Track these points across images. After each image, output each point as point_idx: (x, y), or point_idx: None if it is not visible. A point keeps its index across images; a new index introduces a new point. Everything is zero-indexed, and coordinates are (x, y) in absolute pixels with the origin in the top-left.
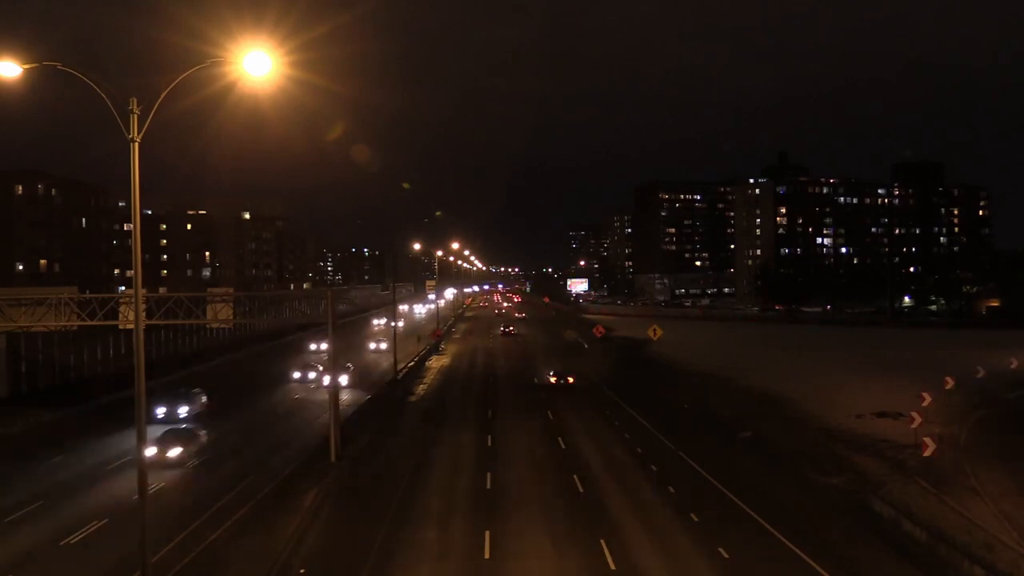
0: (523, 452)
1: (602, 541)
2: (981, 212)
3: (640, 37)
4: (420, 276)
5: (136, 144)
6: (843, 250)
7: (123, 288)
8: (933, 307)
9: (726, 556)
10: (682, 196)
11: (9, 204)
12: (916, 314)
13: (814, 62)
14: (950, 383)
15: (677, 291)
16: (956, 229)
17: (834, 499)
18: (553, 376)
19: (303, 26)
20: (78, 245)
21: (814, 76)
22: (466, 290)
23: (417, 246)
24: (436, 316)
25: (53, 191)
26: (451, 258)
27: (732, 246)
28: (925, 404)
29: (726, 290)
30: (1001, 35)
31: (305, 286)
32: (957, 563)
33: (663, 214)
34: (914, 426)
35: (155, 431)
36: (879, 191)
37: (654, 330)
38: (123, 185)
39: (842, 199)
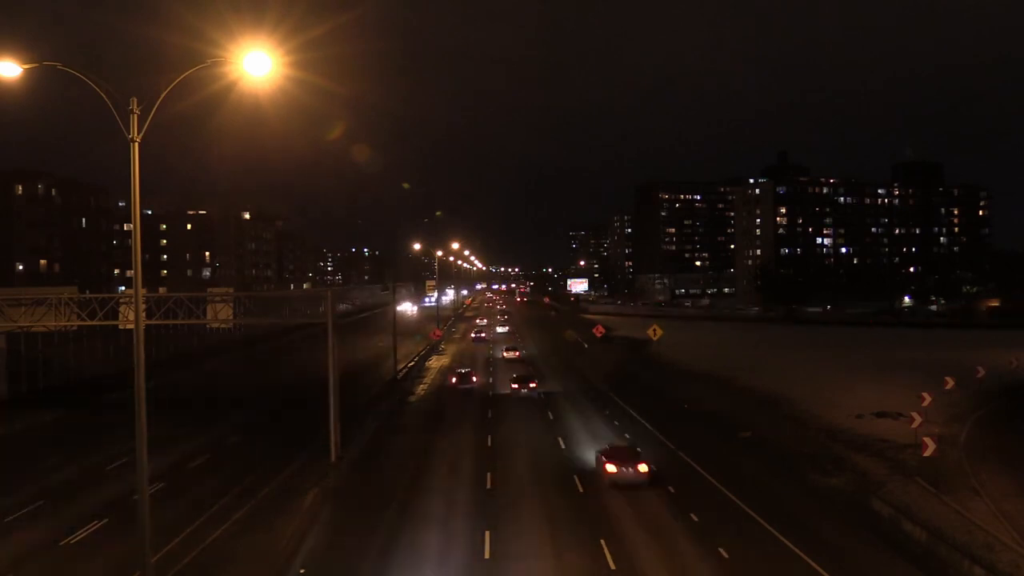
0: (523, 452)
1: (602, 541)
2: (981, 212)
3: (641, 38)
4: (420, 276)
5: (136, 144)
6: (843, 250)
7: (123, 288)
8: (933, 307)
9: (726, 556)
10: (682, 196)
11: (9, 204)
12: (917, 314)
13: (814, 62)
14: (950, 383)
15: (677, 291)
16: (956, 229)
17: (834, 499)
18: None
19: (303, 26)
20: (78, 245)
21: (814, 76)
22: (464, 292)
23: (417, 246)
24: (436, 316)
25: (53, 191)
26: (451, 258)
27: (732, 246)
28: (925, 404)
29: (726, 290)
30: (1001, 35)
31: (305, 286)
32: (957, 563)
33: (663, 214)
34: (914, 426)
35: None
36: (879, 191)
37: (654, 330)
38: (123, 185)
39: (842, 199)
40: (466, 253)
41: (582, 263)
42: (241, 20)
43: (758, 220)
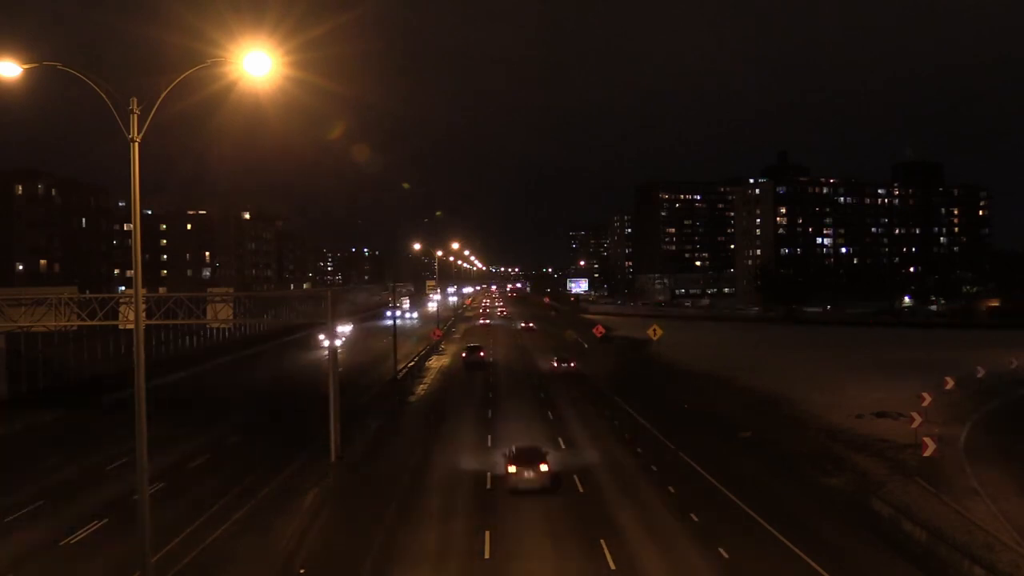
0: None
1: (602, 541)
2: (981, 212)
3: (641, 38)
4: (420, 276)
5: (136, 144)
6: (843, 250)
7: (123, 288)
8: (933, 307)
9: (726, 556)
10: (682, 196)
11: (9, 204)
12: (917, 314)
13: (814, 62)
14: (950, 383)
15: (677, 291)
16: (956, 229)
17: (834, 499)
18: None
19: (303, 26)
20: (78, 245)
21: (814, 76)
22: (465, 290)
23: (417, 246)
24: (436, 316)
25: (53, 191)
26: (451, 258)
27: (732, 246)
28: (925, 404)
29: (726, 290)
30: (1001, 35)
31: (305, 286)
32: (957, 563)
33: (663, 214)
34: (914, 426)
35: None
36: (879, 191)
37: (654, 330)
38: (123, 185)
39: (842, 199)
40: (466, 253)
41: (582, 263)
42: (241, 20)
43: (758, 220)
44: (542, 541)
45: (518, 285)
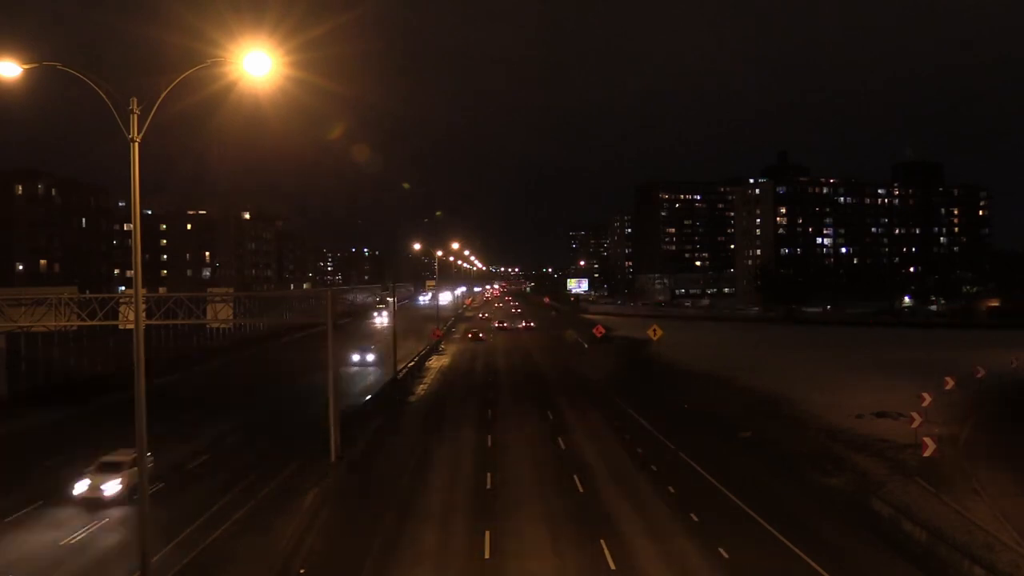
0: (523, 452)
1: (602, 541)
2: (981, 212)
3: (641, 38)
4: (420, 276)
5: (136, 144)
6: (843, 250)
7: (123, 288)
8: (933, 307)
9: (726, 556)
10: (682, 196)
11: (9, 204)
12: (917, 314)
13: (814, 62)
14: (950, 383)
15: (677, 291)
16: (956, 229)
17: (834, 499)
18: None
19: (303, 26)
20: (78, 245)
21: (814, 76)
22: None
23: (417, 246)
24: (436, 316)
25: (53, 191)
26: (451, 258)
27: (732, 246)
28: (925, 404)
29: (726, 290)
30: (1001, 35)
31: (305, 286)
32: (957, 563)
33: (663, 214)
34: (914, 426)
35: None
36: (879, 191)
37: (654, 330)
38: (123, 185)
39: (842, 199)
40: (466, 253)
41: (582, 263)
42: (241, 20)
43: (758, 220)
44: (542, 541)
45: (506, 288)
